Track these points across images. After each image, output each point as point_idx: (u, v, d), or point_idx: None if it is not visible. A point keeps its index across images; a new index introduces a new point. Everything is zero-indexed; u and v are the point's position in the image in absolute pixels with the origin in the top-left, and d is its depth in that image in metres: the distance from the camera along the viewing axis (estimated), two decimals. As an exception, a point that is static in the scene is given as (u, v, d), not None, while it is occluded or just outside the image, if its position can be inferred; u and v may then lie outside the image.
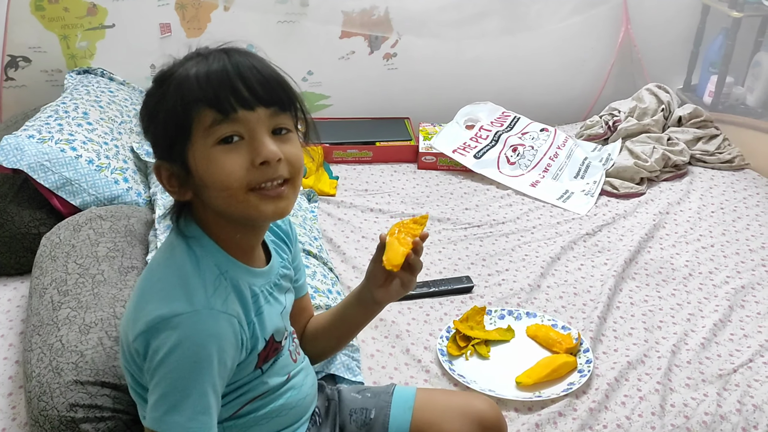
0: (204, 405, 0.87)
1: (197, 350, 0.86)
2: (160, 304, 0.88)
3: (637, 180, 2.22)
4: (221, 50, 0.91)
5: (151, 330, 0.87)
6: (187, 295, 0.88)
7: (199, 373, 0.86)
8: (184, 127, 0.88)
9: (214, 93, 0.87)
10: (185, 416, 0.87)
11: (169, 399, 0.87)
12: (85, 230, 1.50)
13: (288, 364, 1.05)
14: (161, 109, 0.90)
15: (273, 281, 1.01)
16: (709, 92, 2.62)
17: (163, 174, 0.93)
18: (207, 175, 0.88)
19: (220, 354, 0.88)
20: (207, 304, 0.88)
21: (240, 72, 0.88)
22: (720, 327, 1.62)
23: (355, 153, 2.33)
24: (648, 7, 2.64)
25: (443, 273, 1.78)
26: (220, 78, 0.87)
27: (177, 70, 0.90)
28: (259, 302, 0.97)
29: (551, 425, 1.32)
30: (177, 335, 0.86)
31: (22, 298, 1.55)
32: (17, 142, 1.62)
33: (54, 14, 2.15)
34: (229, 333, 0.89)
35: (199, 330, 0.87)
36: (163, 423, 0.87)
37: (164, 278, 0.92)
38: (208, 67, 0.88)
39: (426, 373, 1.45)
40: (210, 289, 0.90)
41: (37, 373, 1.17)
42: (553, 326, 1.57)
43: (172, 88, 0.89)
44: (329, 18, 2.41)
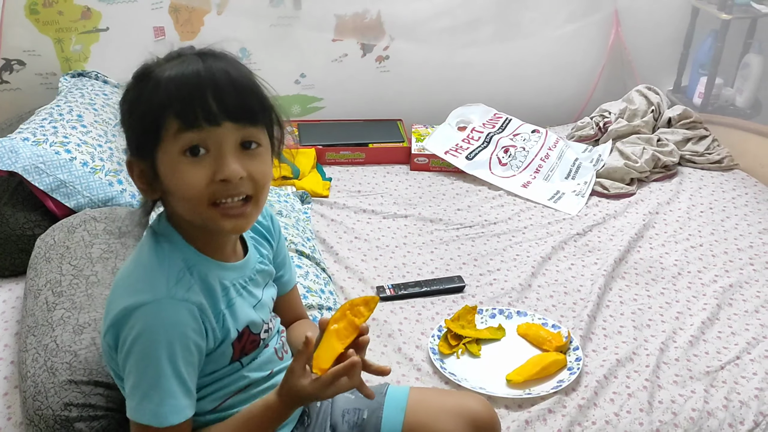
0: (171, 389, 0.90)
1: (158, 338, 0.89)
2: (125, 297, 0.92)
3: (628, 180, 2.24)
4: (199, 54, 0.92)
5: (117, 322, 0.91)
6: (150, 286, 0.91)
7: (162, 359, 0.89)
8: (153, 130, 0.89)
9: (182, 104, 0.88)
10: (155, 402, 0.90)
11: (140, 388, 0.91)
12: (79, 232, 1.51)
13: (272, 361, 1.07)
14: (135, 108, 0.92)
15: (248, 276, 1.02)
16: (699, 93, 2.65)
17: (135, 171, 0.95)
18: (171, 183, 0.91)
19: (182, 340, 0.90)
20: (168, 293, 0.91)
21: (211, 80, 0.88)
22: (708, 325, 1.64)
23: (347, 154, 2.35)
24: (638, 10, 2.67)
25: (435, 273, 1.80)
26: (190, 88, 0.88)
27: (155, 70, 0.91)
28: (229, 295, 0.99)
29: (541, 422, 1.34)
30: (140, 324, 0.89)
31: (17, 299, 1.56)
32: (12, 145, 1.63)
33: (48, 18, 2.17)
34: (189, 320, 0.91)
35: (160, 318, 0.90)
36: (138, 412, 0.91)
37: (131, 273, 0.95)
38: (182, 72, 0.89)
39: (418, 371, 1.47)
40: (172, 279, 0.92)
41: (32, 373, 1.18)
42: (544, 325, 1.59)
43: (147, 89, 0.90)
44: (322, 21, 2.42)
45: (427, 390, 1.30)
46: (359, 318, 0.97)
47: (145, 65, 0.94)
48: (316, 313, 1.49)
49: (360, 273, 1.78)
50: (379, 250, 1.89)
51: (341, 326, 0.96)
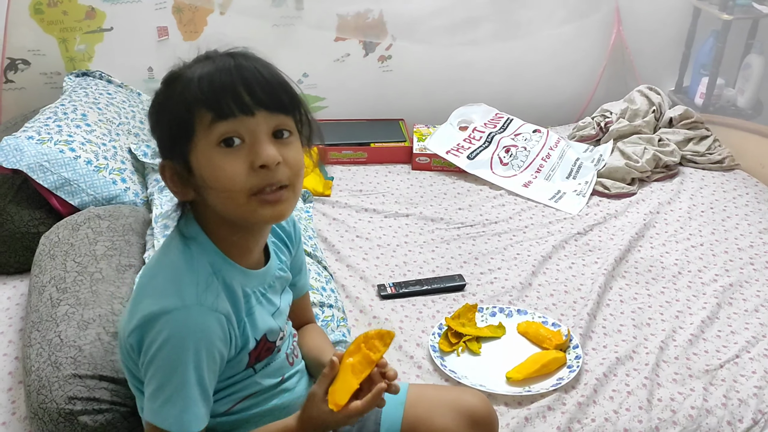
0: (195, 397, 0.91)
1: (186, 345, 0.89)
2: (153, 300, 0.91)
3: (629, 180, 2.25)
4: (227, 54, 0.93)
5: (144, 325, 0.91)
6: (178, 291, 0.91)
7: (189, 366, 0.89)
8: (186, 126, 0.90)
9: (215, 96, 0.88)
10: (178, 408, 0.90)
11: (163, 392, 0.90)
12: (83, 229, 1.53)
13: (283, 367, 1.07)
14: (166, 109, 0.93)
15: (268, 283, 1.03)
16: (700, 94, 2.66)
17: (167, 173, 0.94)
18: (208, 176, 0.90)
19: (208, 348, 0.91)
20: (197, 300, 0.91)
21: (242, 75, 0.89)
22: (708, 324, 1.64)
23: (349, 154, 2.36)
24: (639, 10, 2.68)
25: (436, 271, 1.81)
26: (222, 81, 0.89)
27: (184, 72, 0.92)
28: (250, 302, 0.99)
29: (540, 419, 1.35)
30: (168, 331, 0.89)
31: (22, 296, 1.57)
32: (17, 143, 1.65)
33: (53, 18, 2.18)
34: (217, 329, 0.92)
35: (189, 325, 0.90)
36: (159, 415, 0.91)
37: (158, 275, 0.95)
38: (212, 69, 0.90)
39: (418, 368, 1.48)
40: (202, 286, 0.92)
41: (36, 367, 1.19)
42: (544, 323, 1.60)
43: (178, 89, 0.91)
44: (324, 21, 2.43)
45: (426, 385, 1.31)
46: (375, 352, 0.97)
47: (173, 70, 0.94)
48: (318, 311, 1.50)
49: (361, 271, 1.79)
50: (380, 249, 1.90)
51: (356, 360, 0.96)
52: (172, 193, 0.96)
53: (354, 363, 0.96)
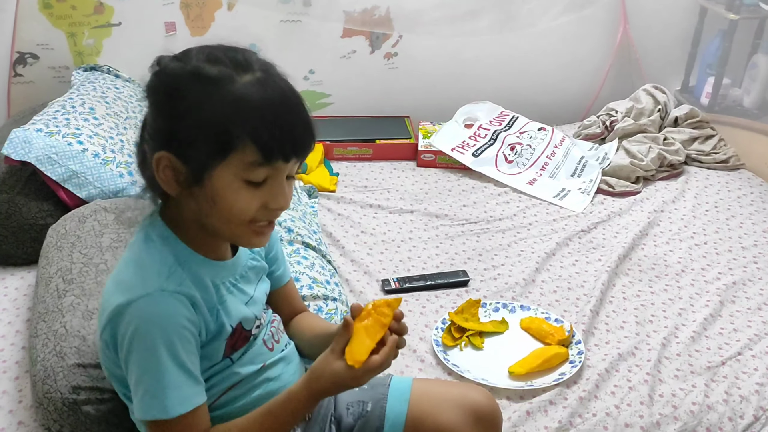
0: (174, 381, 0.90)
1: (154, 331, 0.89)
2: (118, 294, 0.92)
3: (633, 179, 2.25)
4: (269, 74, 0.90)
5: (113, 319, 0.92)
6: (141, 281, 0.91)
7: (162, 352, 0.89)
8: (222, 149, 0.88)
9: (269, 138, 0.87)
10: (160, 397, 0.90)
11: (142, 385, 0.91)
12: (90, 222, 1.54)
13: (262, 353, 1.07)
14: (199, 113, 0.88)
15: (238, 273, 1.03)
16: (706, 93, 2.66)
17: (162, 164, 0.90)
18: (221, 199, 0.90)
19: (177, 330, 0.91)
20: (159, 286, 0.91)
21: (294, 124, 0.89)
22: (710, 321, 1.65)
23: (355, 150, 2.37)
24: (646, 9, 2.68)
25: (440, 267, 1.82)
26: (278, 123, 0.88)
27: (226, 80, 0.88)
28: (221, 292, 0.99)
29: (542, 413, 1.36)
30: (135, 320, 0.90)
31: (29, 287, 1.59)
32: (25, 135, 1.66)
33: (62, 12, 2.20)
34: (182, 309, 0.92)
35: (153, 311, 0.90)
36: (145, 410, 0.91)
37: (122, 271, 0.95)
38: (268, 99, 0.88)
39: (421, 362, 1.49)
40: (164, 274, 0.92)
41: (42, 357, 1.21)
42: (547, 319, 1.60)
43: (222, 101, 0.87)
44: (331, 17, 2.44)
45: (430, 381, 1.32)
46: (384, 318, 0.97)
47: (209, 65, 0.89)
48: (321, 303, 1.51)
49: (365, 266, 1.80)
50: (384, 245, 1.91)
51: (369, 324, 0.97)
52: (159, 183, 0.92)
53: (367, 326, 0.96)
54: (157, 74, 0.93)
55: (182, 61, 0.91)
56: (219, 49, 0.92)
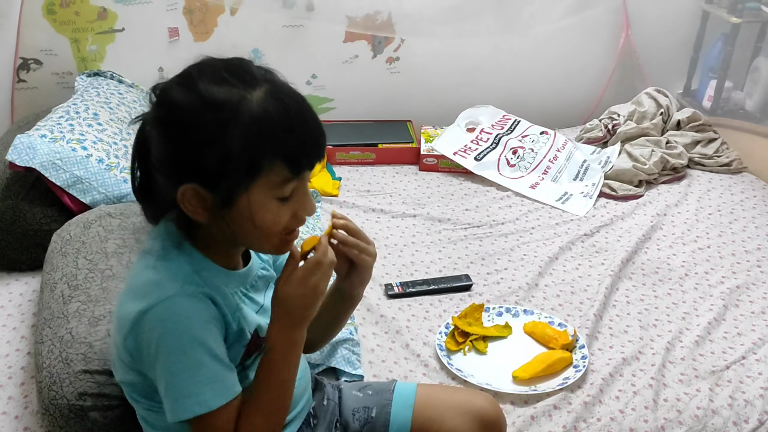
0: (208, 375, 0.90)
1: (182, 330, 0.90)
2: (137, 301, 0.92)
3: (636, 182, 2.25)
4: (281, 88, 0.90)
5: (135, 326, 0.91)
6: (160, 287, 0.91)
7: (191, 350, 0.89)
8: (251, 173, 0.87)
9: (296, 153, 0.89)
10: (194, 393, 0.89)
11: (175, 386, 0.90)
12: (94, 227, 1.55)
13: None
14: (220, 141, 0.86)
15: (249, 283, 1.03)
16: (709, 97, 2.66)
17: (187, 195, 0.89)
18: (255, 217, 0.90)
19: (204, 325, 0.91)
20: (179, 289, 0.91)
21: (312, 131, 0.90)
22: (714, 325, 1.65)
23: (357, 155, 2.37)
24: (648, 13, 2.68)
25: (443, 271, 1.82)
26: (299, 136, 0.89)
27: (244, 101, 0.86)
28: (235, 300, 1.00)
29: (546, 418, 1.36)
30: (160, 324, 0.90)
31: (34, 292, 1.59)
32: (30, 141, 1.67)
33: (65, 18, 2.21)
34: (204, 308, 0.92)
35: (177, 311, 0.90)
36: (180, 410, 0.90)
37: (138, 278, 0.95)
38: (286, 113, 0.88)
39: (425, 367, 1.49)
40: (182, 278, 0.93)
41: (48, 363, 1.21)
42: (550, 323, 1.60)
43: (244, 124, 0.86)
44: (333, 22, 2.45)
45: (435, 387, 1.32)
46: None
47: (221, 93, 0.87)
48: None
49: (369, 271, 1.80)
50: (387, 249, 1.91)
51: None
52: (186, 213, 0.91)
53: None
54: (162, 106, 0.90)
55: (186, 88, 0.88)
56: (218, 68, 0.89)
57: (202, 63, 0.92)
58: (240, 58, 0.94)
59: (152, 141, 0.91)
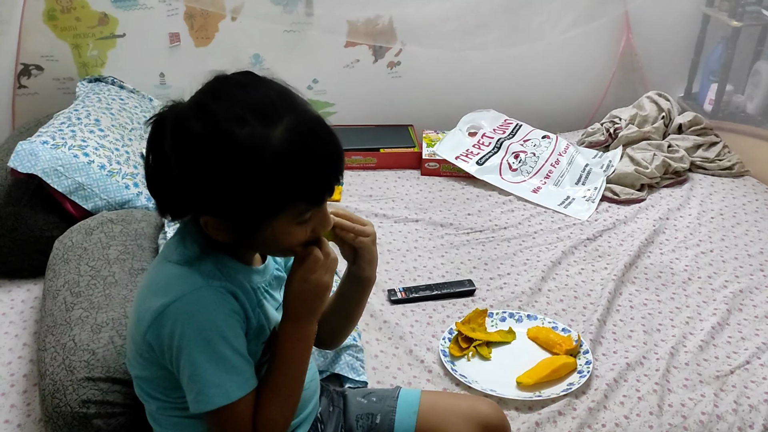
0: (231, 366, 0.92)
1: (206, 322, 0.91)
2: (160, 296, 0.93)
3: (638, 186, 2.25)
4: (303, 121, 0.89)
5: (158, 320, 0.92)
6: (183, 281, 0.93)
7: (215, 342, 0.91)
8: (273, 211, 0.90)
9: (318, 190, 0.92)
10: (219, 384, 0.91)
11: (200, 377, 0.92)
12: (96, 234, 1.54)
13: None
14: (243, 182, 0.86)
15: (267, 280, 1.05)
16: (710, 100, 2.66)
17: (210, 224, 0.92)
18: (278, 241, 0.94)
19: (226, 318, 0.93)
20: (204, 283, 0.93)
21: (335, 163, 0.92)
22: (718, 330, 1.64)
23: (359, 159, 2.37)
24: (649, 17, 2.68)
25: (446, 276, 1.82)
26: (322, 173, 0.90)
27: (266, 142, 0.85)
28: (258, 296, 1.01)
29: (551, 424, 1.35)
30: (185, 316, 0.91)
31: (35, 299, 1.59)
32: (31, 148, 1.66)
33: (66, 24, 2.21)
34: (227, 301, 0.94)
35: (202, 303, 0.92)
36: (208, 401, 0.92)
37: (161, 273, 0.97)
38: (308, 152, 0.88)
39: (429, 373, 1.48)
40: (206, 273, 0.94)
41: (51, 371, 1.20)
42: (554, 328, 1.60)
43: (266, 167, 0.86)
44: (334, 27, 2.45)
45: (439, 393, 1.32)
46: None
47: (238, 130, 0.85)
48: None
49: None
50: (390, 254, 1.91)
51: None
52: (210, 235, 0.93)
53: None
54: (183, 137, 0.88)
55: (206, 124, 0.86)
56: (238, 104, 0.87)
57: (219, 92, 0.89)
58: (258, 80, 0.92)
59: (171, 165, 0.90)
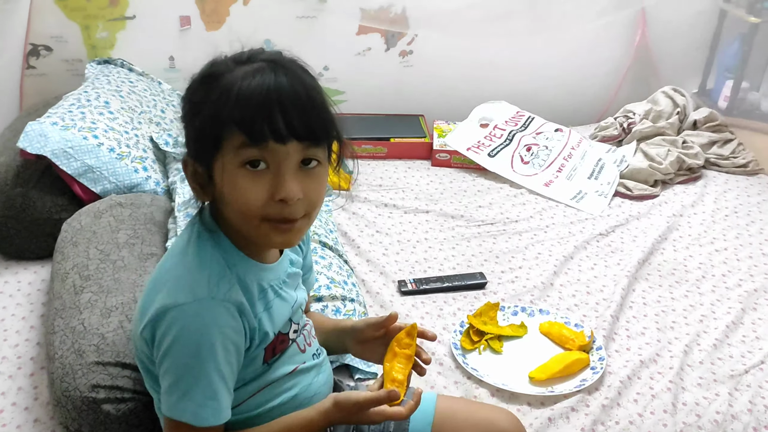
0: (212, 391, 0.90)
1: (200, 339, 0.88)
2: (165, 295, 0.90)
3: (651, 182, 2.22)
4: (270, 63, 0.88)
5: (156, 319, 0.90)
6: (191, 286, 0.90)
7: (204, 360, 0.88)
8: (213, 140, 0.88)
9: (250, 119, 0.85)
10: (195, 402, 0.89)
11: (179, 387, 0.89)
12: (105, 217, 1.52)
13: (295, 354, 1.06)
14: (198, 110, 0.89)
15: (282, 278, 1.02)
16: (725, 97, 2.63)
17: (189, 170, 0.94)
18: (228, 192, 0.90)
19: (223, 341, 0.90)
20: (209, 293, 0.90)
21: (280, 99, 0.85)
22: (732, 329, 1.62)
23: (369, 149, 2.34)
24: (665, 11, 2.65)
25: (456, 269, 1.80)
26: (258, 103, 0.85)
27: (224, 74, 0.88)
28: (267, 297, 0.98)
29: (564, 420, 1.34)
30: (180, 324, 0.88)
31: (42, 281, 1.57)
32: (41, 129, 1.64)
33: (76, 4, 2.18)
34: (229, 320, 0.91)
35: (200, 319, 0.89)
36: (177, 410, 0.90)
37: (172, 269, 0.94)
38: (250, 84, 0.86)
39: (440, 366, 1.46)
40: (214, 279, 0.91)
41: (60, 354, 1.19)
42: (566, 324, 1.58)
43: (214, 95, 0.88)
44: (347, 14, 2.42)
45: (455, 400, 1.27)
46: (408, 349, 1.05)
47: (214, 66, 0.91)
48: (339, 304, 1.49)
49: (381, 267, 1.78)
50: (400, 245, 1.89)
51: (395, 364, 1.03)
52: (192, 191, 0.96)
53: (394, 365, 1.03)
54: None
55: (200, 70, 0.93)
56: (236, 53, 0.92)
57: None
58: (268, 49, 0.93)
59: None
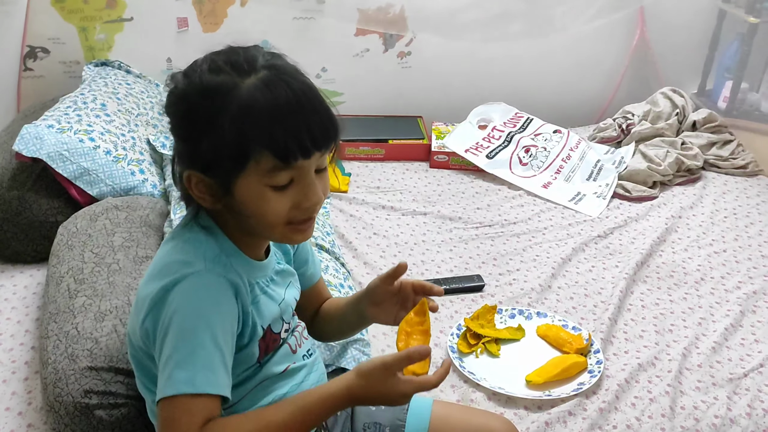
0: (208, 360, 0.85)
1: (198, 307, 0.87)
2: (160, 279, 0.89)
3: (650, 184, 2.22)
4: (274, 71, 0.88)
5: (156, 303, 0.88)
6: (186, 264, 0.89)
7: (203, 329, 0.86)
8: (239, 161, 0.86)
9: (282, 141, 0.85)
10: (189, 371, 0.84)
11: (174, 358, 0.85)
12: (101, 220, 1.52)
13: (287, 355, 1.05)
14: (211, 128, 0.86)
15: (269, 276, 1.02)
16: (724, 97, 2.62)
17: (193, 182, 0.91)
18: (252, 207, 0.89)
19: (222, 314, 0.88)
20: (206, 267, 0.90)
21: (303, 114, 0.86)
22: (731, 331, 1.62)
23: (367, 150, 2.34)
24: (664, 11, 2.64)
25: (454, 271, 1.79)
26: (284, 122, 0.85)
27: (231, 88, 0.86)
28: (255, 292, 0.98)
29: (561, 424, 1.33)
30: (178, 298, 0.87)
31: (38, 285, 1.57)
32: (37, 132, 1.64)
33: (73, 6, 2.17)
34: (227, 293, 0.90)
35: (199, 288, 0.88)
36: (171, 382, 0.84)
37: (164, 259, 0.93)
38: (268, 99, 0.85)
39: (436, 368, 1.45)
40: (210, 257, 0.91)
41: (53, 359, 1.18)
42: (564, 327, 1.57)
43: (230, 112, 0.85)
44: (345, 15, 2.41)
45: (451, 406, 1.25)
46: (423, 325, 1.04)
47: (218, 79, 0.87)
48: (336, 308, 1.48)
49: (379, 269, 1.77)
50: (398, 247, 1.88)
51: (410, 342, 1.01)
52: (196, 199, 0.92)
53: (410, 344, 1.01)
54: (170, 94, 0.92)
55: (189, 77, 0.90)
56: (222, 55, 0.90)
57: (214, 52, 0.92)
58: (253, 46, 0.92)
59: None
